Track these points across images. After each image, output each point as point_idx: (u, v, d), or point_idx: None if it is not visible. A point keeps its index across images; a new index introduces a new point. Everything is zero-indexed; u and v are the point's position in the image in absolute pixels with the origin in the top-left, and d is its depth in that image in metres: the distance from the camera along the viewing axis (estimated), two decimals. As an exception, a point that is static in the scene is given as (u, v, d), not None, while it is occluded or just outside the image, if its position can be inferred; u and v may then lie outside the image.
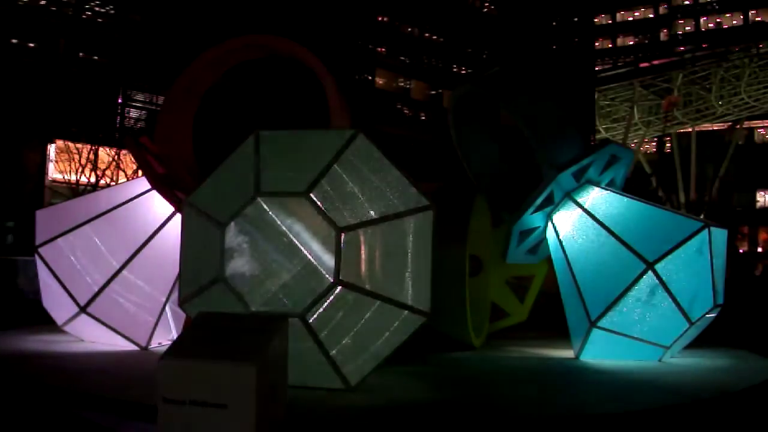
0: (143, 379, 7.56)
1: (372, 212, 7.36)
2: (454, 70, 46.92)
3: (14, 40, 26.95)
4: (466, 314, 10.42)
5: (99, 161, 23.70)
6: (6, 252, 24.88)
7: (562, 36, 59.66)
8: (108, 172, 23.60)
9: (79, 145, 23.67)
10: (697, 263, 9.68)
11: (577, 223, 10.38)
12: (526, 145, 10.63)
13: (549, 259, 11.30)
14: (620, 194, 10.66)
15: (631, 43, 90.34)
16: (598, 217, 10.17)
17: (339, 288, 7.19)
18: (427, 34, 44.91)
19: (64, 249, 10.40)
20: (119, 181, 22.69)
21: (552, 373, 9.20)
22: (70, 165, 23.61)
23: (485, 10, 49.58)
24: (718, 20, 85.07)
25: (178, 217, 9.45)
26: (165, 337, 10.40)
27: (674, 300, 9.49)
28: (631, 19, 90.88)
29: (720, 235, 9.99)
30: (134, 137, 11.46)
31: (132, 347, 10.10)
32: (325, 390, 7.28)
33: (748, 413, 7.51)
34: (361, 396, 7.15)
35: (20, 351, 9.72)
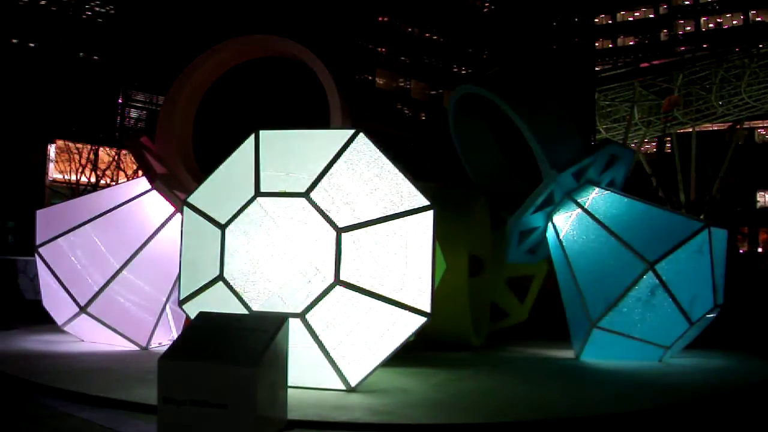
0: (143, 379, 7.56)
1: (372, 212, 7.35)
2: (454, 70, 46.93)
3: (14, 40, 26.94)
4: (467, 314, 10.42)
5: (99, 161, 23.70)
6: (6, 252, 24.87)
7: (562, 36, 59.68)
8: (108, 172, 23.59)
9: (79, 145, 23.67)
10: (697, 263, 9.68)
11: (577, 223, 10.38)
12: (525, 145, 10.63)
13: (549, 259, 11.30)
14: (620, 194, 10.67)
15: (631, 43, 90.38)
16: (598, 217, 10.17)
17: (339, 288, 7.19)
18: (427, 34, 44.91)
19: (64, 249, 10.40)
20: (119, 181, 22.66)
21: (552, 373, 9.19)
22: (70, 165, 23.61)
23: (485, 10, 49.62)
24: (718, 20, 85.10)
25: (178, 217, 9.46)
26: (165, 337, 10.40)
27: (674, 300, 9.50)
28: (631, 19, 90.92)
29: (720, 235, 9.99)
30: (134, 137, 11.46)
31: (132, 347, 10.11)
32: (325, 390, 7.28)
33: (748, 413, 7.50)
34: (361, 396, 7.15)
35: (20, 351, 9.72)
